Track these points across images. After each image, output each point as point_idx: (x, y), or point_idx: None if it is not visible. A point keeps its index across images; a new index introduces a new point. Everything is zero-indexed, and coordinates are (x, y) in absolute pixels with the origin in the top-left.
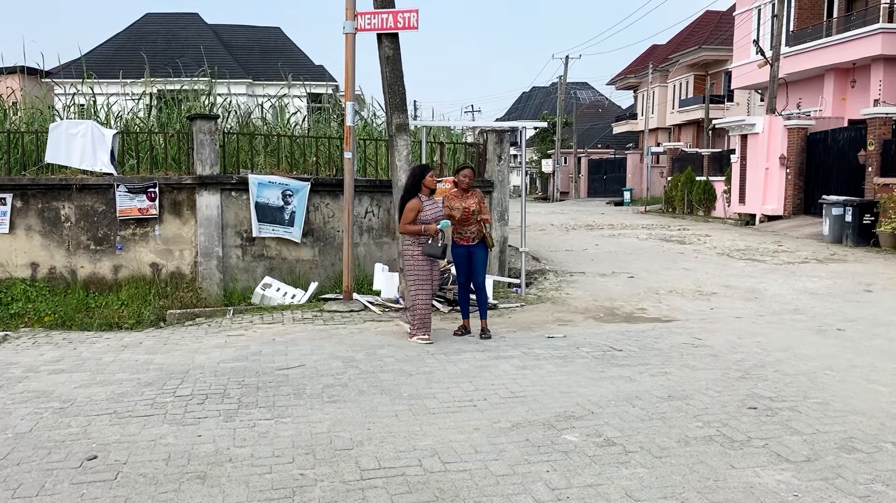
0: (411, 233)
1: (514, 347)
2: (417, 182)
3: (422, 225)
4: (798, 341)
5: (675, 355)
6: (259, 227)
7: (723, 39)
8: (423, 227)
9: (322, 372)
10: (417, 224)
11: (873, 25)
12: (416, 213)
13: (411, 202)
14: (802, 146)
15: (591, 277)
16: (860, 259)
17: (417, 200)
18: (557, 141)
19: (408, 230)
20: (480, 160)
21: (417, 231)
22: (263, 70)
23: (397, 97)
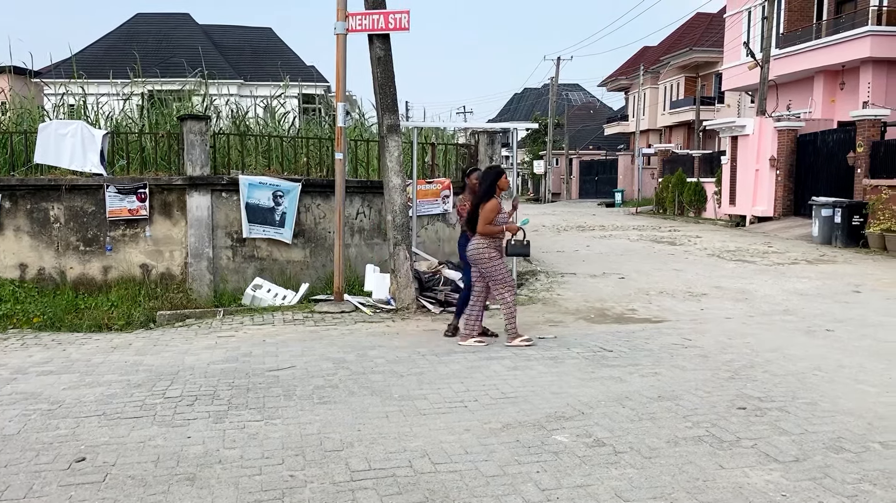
0: (493, 233)
1: (505, 348)
2: (494, 183)
3: (502, 225)
4: (787, 342)
5: (666, 356)
6: (249, 228)
7: (713, 41)
8: (504, 227)
9: (312, 373)
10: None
11: (862, 28)
12: (495, 214)
13: (490, 203)
14: (792, 148)
15: (583, 278)
16: (849, 260)
17: (497, 201)
18: (549, 142)
19: (490, 231)
20: (472, 161)
21: (500, 231)
22: (255, 70)
23: (388, 98)
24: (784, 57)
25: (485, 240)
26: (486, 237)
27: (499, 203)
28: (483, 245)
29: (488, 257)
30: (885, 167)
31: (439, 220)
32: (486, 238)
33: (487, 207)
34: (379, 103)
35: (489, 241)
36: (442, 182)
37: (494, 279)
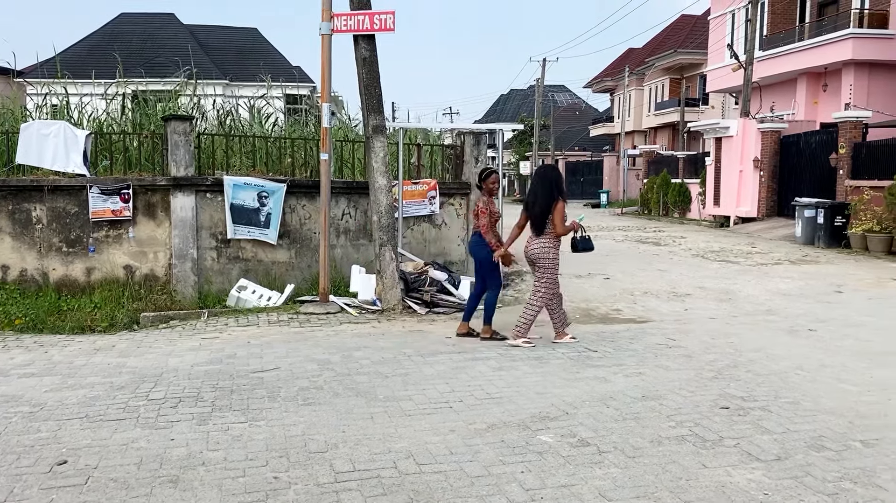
0: (566, 232)
1: (490, 349)
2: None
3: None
4: (770, 342)
5: (650, 356)
6: (234, 229)
7: (697, 43)
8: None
9: (297, 374)
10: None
11: (844, 30)
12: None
13: (560, 203)
14: (776, 149)
15: (568, 279)
16: (832, 260)
17: (562, 201)
18: (535, 143)
19: (566, 230)
20: (458, 162)
21: (571, 229)
22: (240, 71)
23: (374, 99)
24: (767, 59)
25: (552, 240)
26: (554, 238)
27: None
28: (550, 245)
29: (553, 257)
30: (866, 168)
31: (425, 220)
32: (555, 239)
33: (559, 208)
34: (364, 104)
35: (556, 241)
36: (428, 183)
37: (548, 280)
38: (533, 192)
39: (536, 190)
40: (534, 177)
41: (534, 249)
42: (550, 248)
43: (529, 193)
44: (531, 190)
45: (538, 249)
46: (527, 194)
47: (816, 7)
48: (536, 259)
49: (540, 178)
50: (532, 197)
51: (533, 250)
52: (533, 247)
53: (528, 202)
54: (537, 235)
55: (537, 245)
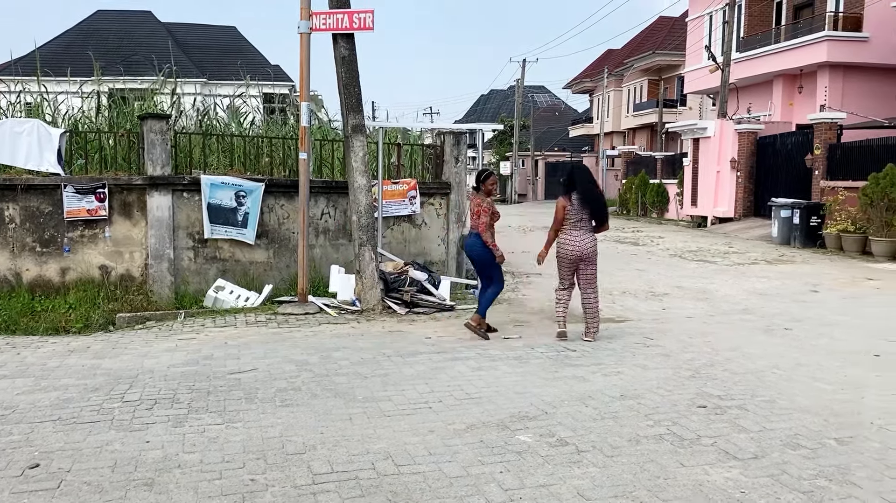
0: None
1: (470, 349)
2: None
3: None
4: (747, 341)
5: (628, 355)
6: (211, 229)
7: (676, 45)
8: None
9: (275, 375)
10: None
11: (819, 33)
12: None
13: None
14: (752, 150)
15: (548, 279)
16: (807, 260)
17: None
18: (515, 143)
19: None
20: (437, 162)
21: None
22: (219, 70)
23: (353, 98)
24: (744, 60)
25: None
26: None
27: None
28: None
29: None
30: (841, 169)
31: (405, 220)
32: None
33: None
34: (343, 103)
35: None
36: (408, 182)
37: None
38: (590, 191)
39: (592, 190)
40: (582, 176)
41: (589, 247)
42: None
43: (589, 185)
44: (586, 189)
45: (593, 247)
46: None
47: (792, 10)
48: (589, 256)
49: (590, 175)
50: (591, 195)
51: (588, 248)
52: (587, 245)
53: (591, 194)
54: (584, 231)
55: (591, 243)
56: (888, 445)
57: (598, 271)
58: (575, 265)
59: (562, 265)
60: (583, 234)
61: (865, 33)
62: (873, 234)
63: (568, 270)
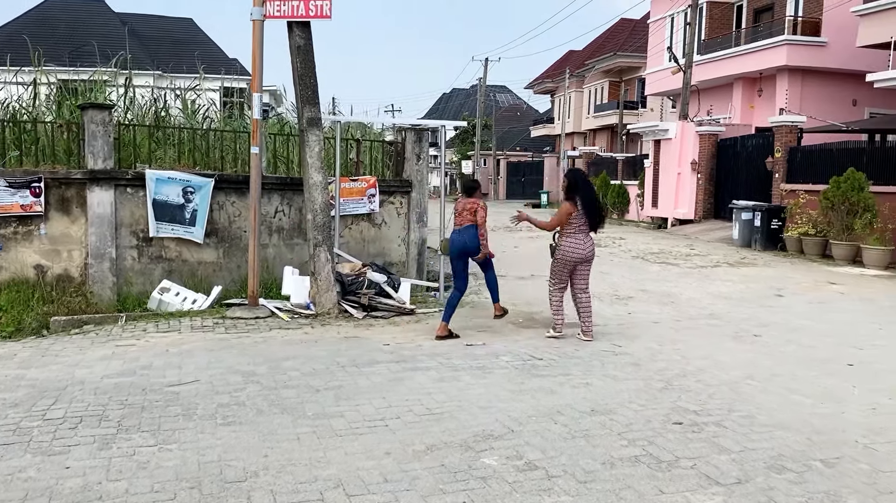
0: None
1: (431, 357)
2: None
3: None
4: (717, 348)
5: (597, 364)
6: (157, 227)
7: (636, 47)
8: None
9: (218, 388)
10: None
11: (779, 37)
12: None
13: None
14: (713, 152)
15: (510, 280)
16: (769, 263)
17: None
18: (477, 142)
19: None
20: (398, 159)
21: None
22: (174, 62)
23: (309, 90)
24: (705, 63)
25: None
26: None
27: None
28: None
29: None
30: (801, 172)
31: (364, 219)
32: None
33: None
34: (298, 95)
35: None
36: (367, 180)
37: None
38: (593, 199)
39: (594, 197)
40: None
41: (592, 250)
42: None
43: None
44: (587, 192)
45: (594, 249)
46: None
47: (752, 13)
48: (591, 259)
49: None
50: (595, 203)
51: (592, 250)
52: (591, 247)
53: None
54: (588, 235)
55: (593, 245)
56: (877, 467)
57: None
58: (574, 267)
59: (563, 268)
60: (586, 238)
61: (824, 38)
62: (833, 237)
63: (566, 273)
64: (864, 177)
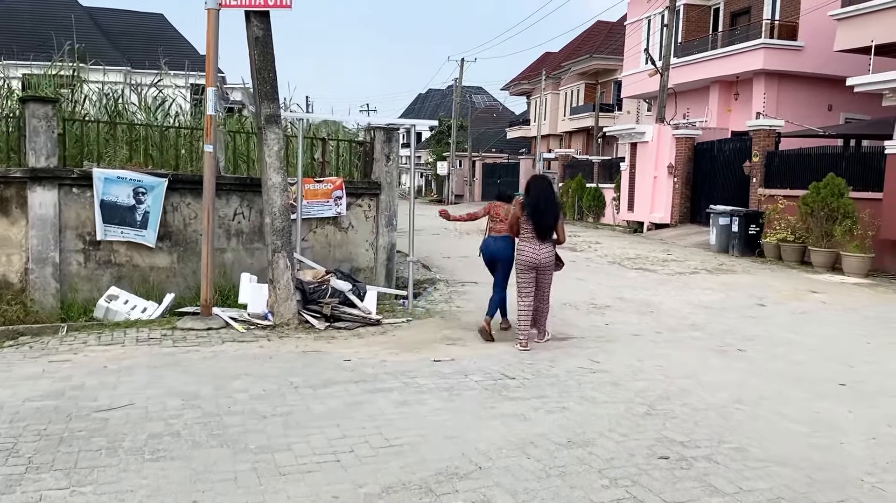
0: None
1: (394, 376)
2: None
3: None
4: (701, 365)
5: (573, 383)
6: (105, 230)
7: (612, 49)
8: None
9: (153, 414)
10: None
11: (756, 41)
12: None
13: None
14: (690, 155)
15: (484, 287)
16: (748, 269)
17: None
18: (452, 143)
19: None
20: (367, 159)
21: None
22: (144, 58)
23: (267, 84)
24: (682, 66)
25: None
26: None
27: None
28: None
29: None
30: (779, 177)
31: (330, 223)
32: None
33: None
34: (256, 90)
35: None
36: (333, 181)
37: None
38: (543, 200)
39: (546, 198)
40: (537, 185)
41: (547, 258)
42: (554, 256)
43: (538, 200)
44: (539, 197)
45: (549, 257)
46: (531, 199)
47: (729, 17)
48: (548, 268)
49: (547, 188)
50: (543, 204)
51: (543, 258)
52: (543, 254)
53: (537, 208)
54: (542, 242)
55: (546, 253)
56: None
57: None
58: (532, 273)
59: (520, 273)
60: (538, 244)
61: (801, 42)
62: (812, 244)
63: (526, 280)
64: (844, 182)
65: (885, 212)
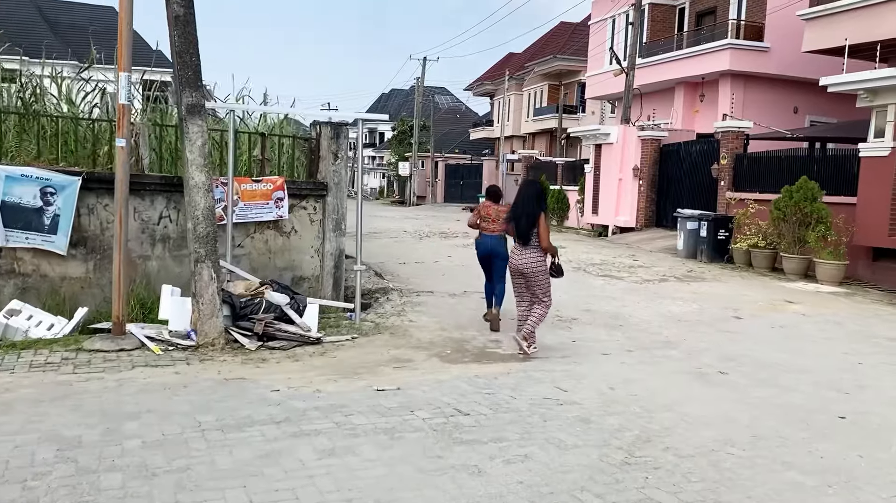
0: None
1: (326, 413)
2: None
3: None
4: (681, 393)
5: (537, 421)
6: (7, 235)
7: (576, 50)
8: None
9: (12, 473)
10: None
11: (722, 41)
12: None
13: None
14: (655, 157)
15: (441, 297)
16: (718, 277)
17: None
18: (415, 143)
19: (552, 246)
20: (313, 157)
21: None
22: (85, 51)
23: (189, 69)
24: (647, 66)
25: (541, 253)
26: (542, 250)
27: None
28: (543, 258)
29: (544, 270)
30: (748, 180)
31: (271, 227)
32: (545, 254)
33: (546, 223)
34: (177, 76)
35: (546, 255)
36: (273, 181)
37: (545, 292)
38: (521, 205)
39: (524, 202)
40: (520, 189)
41: (526, 264)
42: (542, 261)
43: (516, 204)
44: (518, 201)
45: (531, 264)
46: (513, 203)
47: (695, 17)
48: (530, 274)
49: (525, 189)
50: (520, 209)
51: (525, 264)
52: (523, 260)
53: (514, 212)
54: (523, 246)
55: (528, 259)
56: None
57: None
58: (519, 279)
59: (512, 277)
60: (519, 248)
61: (767, 43)
62: (784, 250)
63: (514, 284)
64: (818, 186)
65: (860, 217)
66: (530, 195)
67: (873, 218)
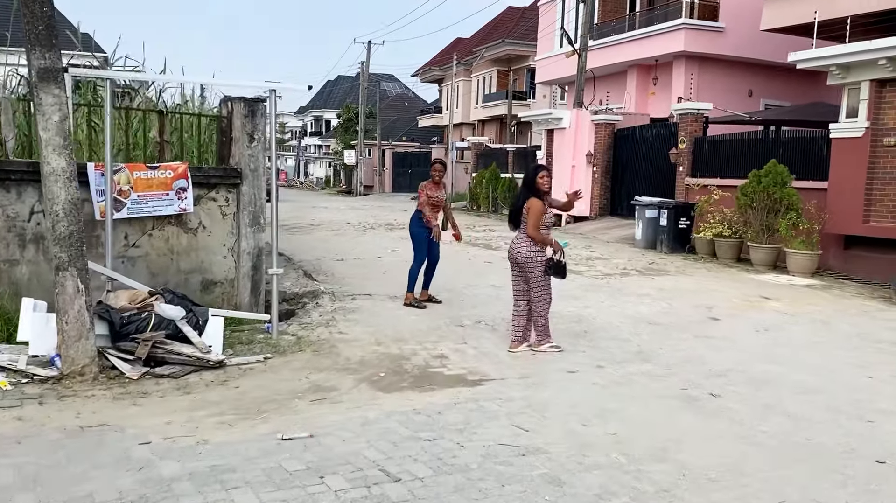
0: (540, 237)
1: (200, 485)
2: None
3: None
4: (670, 426)
5: (492, 486)
6: None
7: (524, 34)
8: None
9: None
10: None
11: (676, 20)
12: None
13: (536, 203)
14: (610, 143)
15: (380, 301)
16: (682, 269)
17: (543, 203)
18: (361, 131)
19: (540, 235)
20: (224, 139)
21: (548, 242)
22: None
23: (40, 23)
24: (599, 48)
25: (534, 243)
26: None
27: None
28: (535, 248)
29: (539, 261)
30: (708, 165)
31: (172, 222)
32: (535, 243)
33: (535, 207)
34: (25, 33)
35: (539, 245)
36: (174, 168)
37: (535, 287)
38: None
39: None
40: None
41: (518, 252)
42: (536, 251)
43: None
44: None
45: (523, 253)
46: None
47: None
48: (523, 264)
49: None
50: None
51: (517, 252)
52: (517, 248)
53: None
54: (516, 231)
55: (521, 248)
56: None
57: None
58: (515, 270)
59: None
60: (517, 237)
61: (721, 23)
62: (752, 239)
63: (511, 276)
64: (787, 170)
65: (831, 203)
66: (524, 181)
67: (846, 204)
